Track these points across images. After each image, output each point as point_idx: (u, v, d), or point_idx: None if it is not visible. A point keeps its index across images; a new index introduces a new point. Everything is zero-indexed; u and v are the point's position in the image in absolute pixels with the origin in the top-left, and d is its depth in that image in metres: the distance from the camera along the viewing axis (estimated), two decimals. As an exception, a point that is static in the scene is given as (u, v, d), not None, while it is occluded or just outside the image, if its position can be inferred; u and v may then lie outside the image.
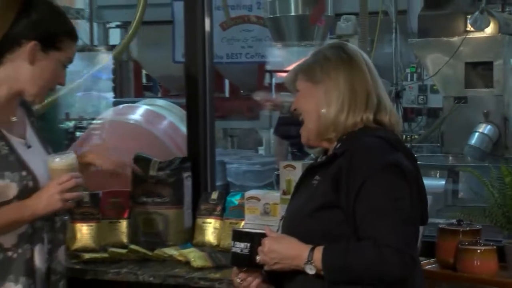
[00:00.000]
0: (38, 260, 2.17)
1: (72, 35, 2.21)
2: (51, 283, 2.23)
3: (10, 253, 2.13)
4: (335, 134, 1.98)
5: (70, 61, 2.22)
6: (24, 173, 2.13)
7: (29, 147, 2.21)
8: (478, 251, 2.28)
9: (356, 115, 1.96)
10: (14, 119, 2.20)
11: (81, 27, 9.23)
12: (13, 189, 2.11)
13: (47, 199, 2.10)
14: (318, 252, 1.87)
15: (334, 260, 1.86)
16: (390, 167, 1.89)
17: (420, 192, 1.97)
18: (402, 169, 1.90)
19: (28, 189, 2.13)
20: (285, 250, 1.92)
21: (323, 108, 1.97)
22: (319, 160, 2.07)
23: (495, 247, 2.31)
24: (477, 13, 5.13)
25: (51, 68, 2.17)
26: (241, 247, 1.99)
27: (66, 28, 2.21)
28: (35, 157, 2.19)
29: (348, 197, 1.88)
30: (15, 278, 2.12)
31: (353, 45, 2.07)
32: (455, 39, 5.27)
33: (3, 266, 2.11)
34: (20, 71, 2.14)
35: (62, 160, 2.15)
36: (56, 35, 2.16)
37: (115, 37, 10.19)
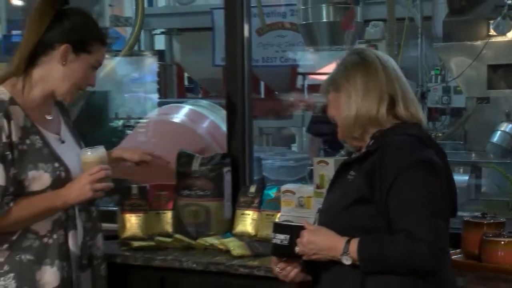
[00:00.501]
0: (72, 245, 2.19)
1: (101, 40, 2.22)
2: (93, 267, 2.27)
3: (45, 239, 2.15)
4: (361, 131, 1.98)
5: (99, 63, 2.24)
6: (56, 164, 2.15)
7: (62, 142, 2.23)
8: (502, 242, 2.23)
9: (373, 109, 1.95)
10: (49, 117, 2.23)
11: (129, 33, 9.32)
12: (46, 179, 2.13)
13: (78, 189, 2.12)
14: (354, 244, 1.86)
15: (368, 252, 1.85)
16: (421, 163, 1.86)
17: (449, 186, 1.94)
18: (432, 165, 1.87)
19: (61, 180, 2.15)
20: (323, 242, 1.91)
21: (346, 111, 1.98)
22: (353, 156, 2.06)
23: (518, 239, 2.27)
24: (499, 18, 5.05)
25: (81, 69, 2.19)
26: (281, 238, 1.98)
27: (96, 33, 2.22)
28: (68, 151, 2.22)
29: (381, 193, 1.86)
30: (50, 261, 2.14)
31: (372, 49, 2.07)
32: (478, 43, 5.19)
33: (40, 252, 2.14)
34: (53, 72, 2.17)
35: (93, 154, 2.17)
36: (86, 39, 2.18)
37: (160, 42, 10.26)
